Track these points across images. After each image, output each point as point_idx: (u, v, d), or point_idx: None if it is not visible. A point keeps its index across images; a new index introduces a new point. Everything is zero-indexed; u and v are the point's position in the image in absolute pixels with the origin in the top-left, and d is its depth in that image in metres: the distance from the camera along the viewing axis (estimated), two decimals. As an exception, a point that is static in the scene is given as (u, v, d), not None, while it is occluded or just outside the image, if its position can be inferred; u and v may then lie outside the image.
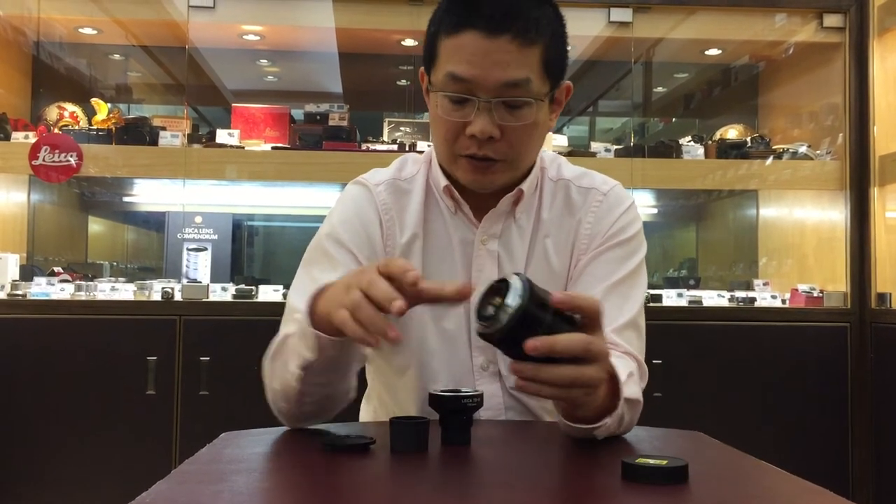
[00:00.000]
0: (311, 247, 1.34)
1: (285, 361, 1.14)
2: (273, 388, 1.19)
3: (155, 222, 3.98)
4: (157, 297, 2.99)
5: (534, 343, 0.86)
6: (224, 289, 3.04)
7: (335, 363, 1.11)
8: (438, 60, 1.25)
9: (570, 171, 1.39)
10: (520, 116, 1.21)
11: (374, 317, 0.92)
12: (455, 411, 1.04)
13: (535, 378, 0.90)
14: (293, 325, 1.13)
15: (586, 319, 0.92)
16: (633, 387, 1.13)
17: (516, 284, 0.87)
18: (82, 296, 2.99)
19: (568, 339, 0.89)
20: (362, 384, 1.32)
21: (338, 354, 1.08)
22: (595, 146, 3.42)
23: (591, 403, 1.02)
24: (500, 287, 0.88)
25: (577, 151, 3.42)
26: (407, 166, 1.40)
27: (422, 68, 1.33)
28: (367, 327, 0.92)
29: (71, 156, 3.08)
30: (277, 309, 1.27)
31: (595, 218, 1.34)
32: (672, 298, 3.19)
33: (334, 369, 1.13)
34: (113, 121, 3.31)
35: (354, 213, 1.33)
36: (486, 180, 1.26)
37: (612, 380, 1.06)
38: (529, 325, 0.86)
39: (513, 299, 0.86)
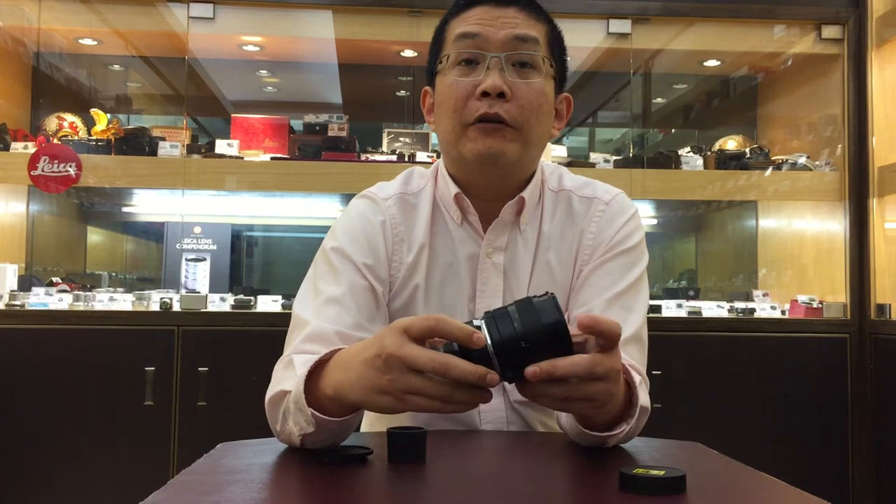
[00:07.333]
0: (316, 259, 1.32)
1: (285, 419, 1.07)
2: (275, 429, 1.13)
3: (154, 232, 3.98)
4: (155, 307, 2.98)
5: (533, 370, 0.86)
6: (223, 299, 3.04)
7: (341, 427, 1.04)
8: (447, 39, 1.28)
9: (571, 182, 1.38)
10: (529, 76, 1.25)
11: (453, 393, 0.87)
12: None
13: (535, 396, 0.90)
14: (290, 381, 1.05)
15: (602, 341, 0.89)
16: (644, 394, 1.12)
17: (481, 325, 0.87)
18: (81, 306, 2.99)
19: (570, 364, 0.86)
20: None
21: (341, 427, 1.03)
22: (594, 157, 3.43)
23: (602, 417, 1.02)
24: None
25: (576, 162, 3.43)
26: (413, 180, 1.38)
27: (425, 87, 1.35)
28: (457, 403, 0.87)
29: (70, 166, 3.09)
30: (276, 319, 1.27)
31: (598, 228, 1.33)
32: (671, 309, 3.19)
33: (340, 432, 1.06)
34: (112, 131, 3.32)
35: (360, 226, 1.31)
36: (495, 146, 1.23)
37: (627, 387, 1.06)
38: (511, 355, 0.87)
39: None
